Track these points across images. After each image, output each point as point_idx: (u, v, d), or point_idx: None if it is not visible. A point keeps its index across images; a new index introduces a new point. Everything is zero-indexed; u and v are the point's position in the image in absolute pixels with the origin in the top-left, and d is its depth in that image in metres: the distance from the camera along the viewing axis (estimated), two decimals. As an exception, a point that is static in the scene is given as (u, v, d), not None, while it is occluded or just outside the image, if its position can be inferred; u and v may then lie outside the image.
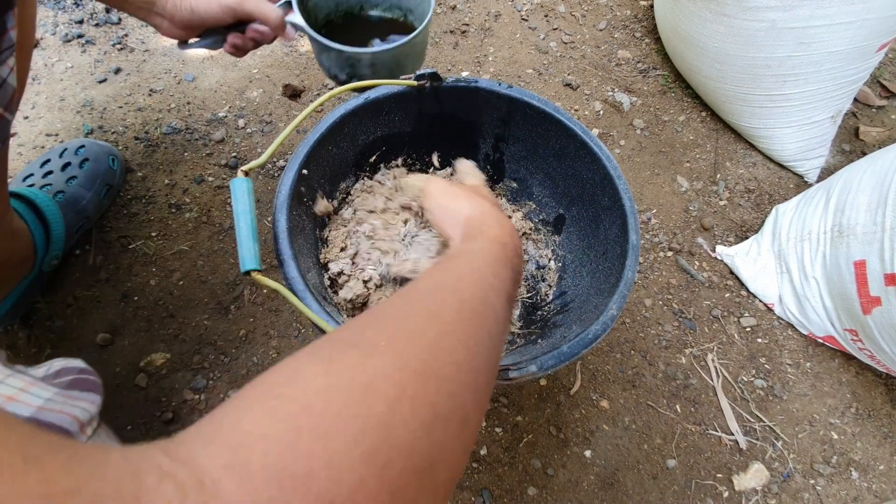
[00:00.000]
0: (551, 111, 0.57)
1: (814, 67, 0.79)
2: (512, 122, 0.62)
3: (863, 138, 0.97)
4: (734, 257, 0.81)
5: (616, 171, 0.54)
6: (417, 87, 0.56)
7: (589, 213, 0.61)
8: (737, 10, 0.78)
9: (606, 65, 1.00)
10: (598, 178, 0.56)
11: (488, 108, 0.61)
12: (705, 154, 0.93)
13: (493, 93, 0.58)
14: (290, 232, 0.46)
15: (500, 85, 0.58)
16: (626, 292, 0.47)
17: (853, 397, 0.74)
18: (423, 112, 0.61)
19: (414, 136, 0.65)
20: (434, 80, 0.56)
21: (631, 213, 0.52)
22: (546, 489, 0.64)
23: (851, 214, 0.67)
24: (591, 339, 0.44)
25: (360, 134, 0.60)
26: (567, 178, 0.62)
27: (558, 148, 0.60)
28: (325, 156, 0.55)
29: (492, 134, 0.65)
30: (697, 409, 0.71)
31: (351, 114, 0.54)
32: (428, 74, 0.56)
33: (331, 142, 0.54)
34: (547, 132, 0.60)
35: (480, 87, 0.58)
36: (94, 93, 0.84)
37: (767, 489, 0.67)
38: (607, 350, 0.74)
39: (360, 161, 0.64)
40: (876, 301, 0.63)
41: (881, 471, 0.69)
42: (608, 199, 0.55)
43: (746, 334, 0.77)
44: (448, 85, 0.57)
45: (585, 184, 0.59)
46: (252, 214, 0.43)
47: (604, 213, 0.57)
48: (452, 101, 0.60)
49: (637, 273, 0.80)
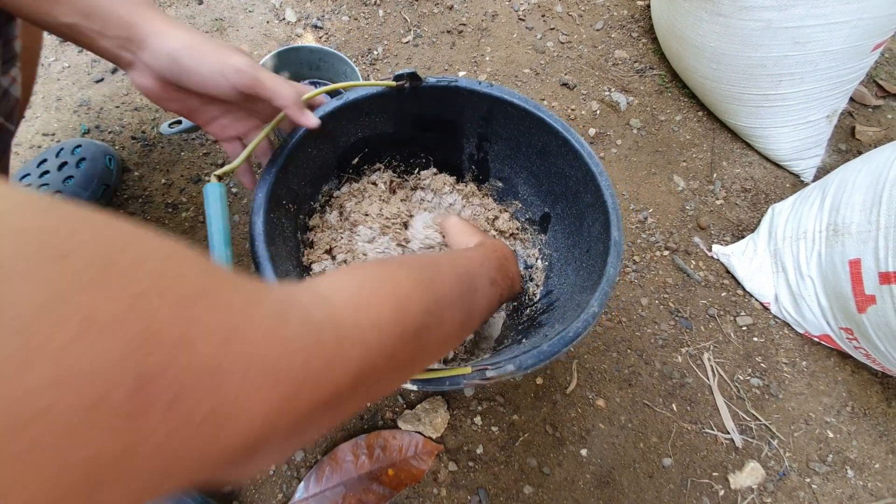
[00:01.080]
0: (531, 108, 0.57)
1: (809, 67, 0.79)
2: (494, 121, 0.61)
3: (859, 138, 0.97)
4: (730, 256, 0.81)
5: (598, 167, 0.54)
6: (396, 87, 0.56)
7: (573, 211, 0.60)
8: (732, 10, 0.78)
9: (603, 64, 1.00)
10: (581, 175, 0.56)
11: (469, 107, 0.60)
12: (702, 153, 0.93)
13: (474, 91, 0.57)
14: (268, 234, 0.46)
15: (479, 84, 0.57)
16: (609, 289, 0.47)
17: (849, 396, 0.74)
18: (405, 112, 0.61)
19: (396, 137, 0.64)
20: (413, 79, 0.56)
21: (613, 209, 0.51)
22: (542, 488, 0.64)
23: (846, 213, 0.68)
24: (571, 338, 0.43)
25: (340, 136, 0.59)
26: (551, 175, 0.62)
27: (541, 146, 0.60)
28: (304, 158, 0.55)
29: (475, 133, 0.65)
30: (693, 407, 0.71)
31: (330, 115, 0.53)
32: (407, 74, 0.55)
33: (310, 144, 0.53)
34: (529, 130, 0.60)
35: (460, 87, 0.57)
36: (90, 92, 0.85)
37: (763, 487, 0.67)
38: (603, 349, 0.74)
39: (342, 163, 0.63)
40: (871, 300, 0.63)
41: (876, 469, 0.70)
42: (591, 195, 0.55)
43: (742, 333, 0.77)
44: (427, 85, 0.57)
45: (569, 181, 0.59)
46: (225, 219, 0.42)
47: (587, 209, 0.57)
48: (433, 101, 0.60)
49: (634, 272, 0.80)
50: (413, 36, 0.99)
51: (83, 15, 0.39)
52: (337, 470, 0.61)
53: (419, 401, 0.67)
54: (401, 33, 0.99)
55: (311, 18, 0.98)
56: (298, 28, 0.96)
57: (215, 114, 0.48)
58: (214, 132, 0.49)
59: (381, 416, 0.66)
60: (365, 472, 0.61)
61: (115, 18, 0.39)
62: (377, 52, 0.96)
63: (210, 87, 0.42)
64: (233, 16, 0.97)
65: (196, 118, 0.47)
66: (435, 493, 0.62)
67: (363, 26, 0.99)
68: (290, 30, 0.96)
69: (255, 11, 0.98)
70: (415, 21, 1.01)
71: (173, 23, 0.41)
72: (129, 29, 0.40)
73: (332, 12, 1.00)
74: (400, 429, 0.65)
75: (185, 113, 0.47)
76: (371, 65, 0.94)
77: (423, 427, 0.65)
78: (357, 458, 0.62)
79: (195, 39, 0.41)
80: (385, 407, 0.67)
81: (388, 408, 0.67)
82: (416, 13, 1.02)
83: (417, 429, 0.65)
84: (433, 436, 0.65)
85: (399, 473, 0.62)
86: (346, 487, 0.60)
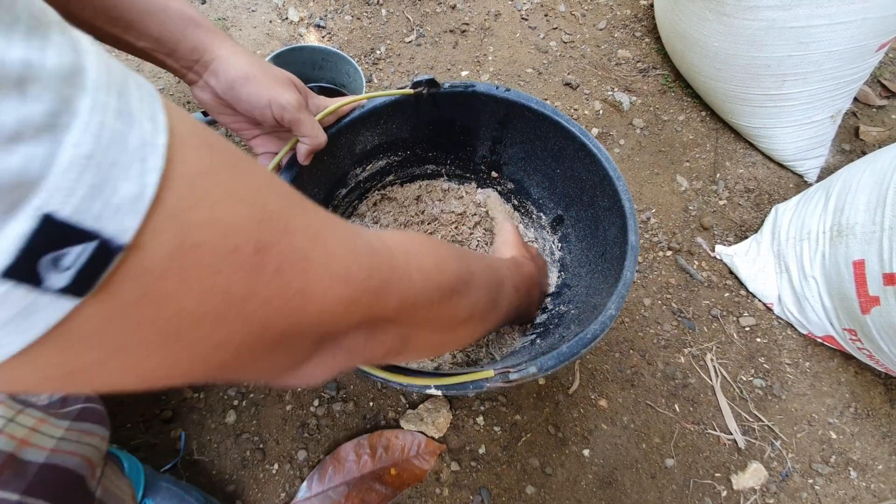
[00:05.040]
0: (550, 113, 0.57)
1: (813, 67, 0.79)
2: (510, 125, 0.62)
3: (863, 138, 0.96)
4: (733, 257, 0.81)
5: (615, 172, 0.54)
6: (414, 94, 0.56)
7: (588, 214, 0.60)
8: (736, 10, 0.78)
9: (606, 64, 1.00)
10: (598, 180, 0.56)
11: (486, 112, 0.61)
12: (705, 153, 0.93)
13: (491, 96, 0.58)
14: None
15: (497, 88, 0.57)
16: (625, 292, 0.47)
17: (852, 397, 0.74)
18: (420, 118, 0.61)
19: (411, 142, 0.65)
20: (431, 86, 0.56)
21: (630, 214, 0.52)
22: (544, 488, 0.64)
23: (850, 214, 0.67)
24: (589, 339, 0.44)
25: (357, 144, 0.60)
26: (566, 179, 0.62)
27: (557, 150, 0.60)
28: (319, 166, 0.55)
29: (489, 137, 0.65)
30: (696, 408, 0.71)
31: (348, 125, 0.54)
32: (425, 81, 0.55)
33: (325, 152, 0.54)
34: (545, 134, 0.60)
35: (478, 92, 0.57)
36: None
37: (766, 489, 0.67)
38: (606, 349, 0.74)
39: (357, 170, 0.64)
40: (875, 301, 0.63)
41: (879, 470, 0.69)
42: (607, 200, 0.55)
43: (745, 334, 0.77)
44: (445, 90, 0.57)
45: (584, 185, 0.59)
46: None
47: (603, 214, 0.57)
48: (450, 106, 0.60)
49: (636, 272, 0.80)
50: (416, 35, 0.99)
51: (156, 40, 0.43)
52: (339, 469, 0.61)
53: (422, 400, 0.67)
54: (404, 33, 0.99)
55: (313, 18, 0.98)
56: (301, 28, 0.96)
57: (258, 132, 0.53)
58: (254, 145, 0.53)
59: (383, 415, 0.66)
60: (367, 471, 0.61)
61: (186, 43, 0.43)
62: (380, 51, 0.96)
63: (257, 115, 0.47)
64: (236, 15, 0.97)
65: (242, 133, 0.52)
66: (437, 493, 0.63)
67: (366, 26, 0.99)
68: (293, 29, 0.96)
69: (258, 11, 0.98)
70: (417, 20, 1.01)
71: (238, 49, 0.46)
72: (196, 53, 0.44)
73: (335, 12, 1.00)
74: (402, 428, 0.65)
75: (234, 127, 0.51)
76: (374, 64, 0.94)
77: (426, 427, 0.65)
78: (360, 457, 0.62)
79: (253, 70, 0.45)
80: (387, 406, 0.67)
81: (390, 407, 0.67)
82: (419, 13, 1.02)
83: (420, 428, 0.65)
84: (436, 435, 0.65)
85: (401, 473, 0.62)
86: (349, 487, 0.60)
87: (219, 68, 0.45)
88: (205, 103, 0.48)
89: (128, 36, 0.41)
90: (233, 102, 0.46)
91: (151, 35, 0.42)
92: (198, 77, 0.46)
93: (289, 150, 0.50)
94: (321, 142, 0.49)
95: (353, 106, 0.55)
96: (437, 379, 0.41)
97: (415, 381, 0.41)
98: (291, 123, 0.47)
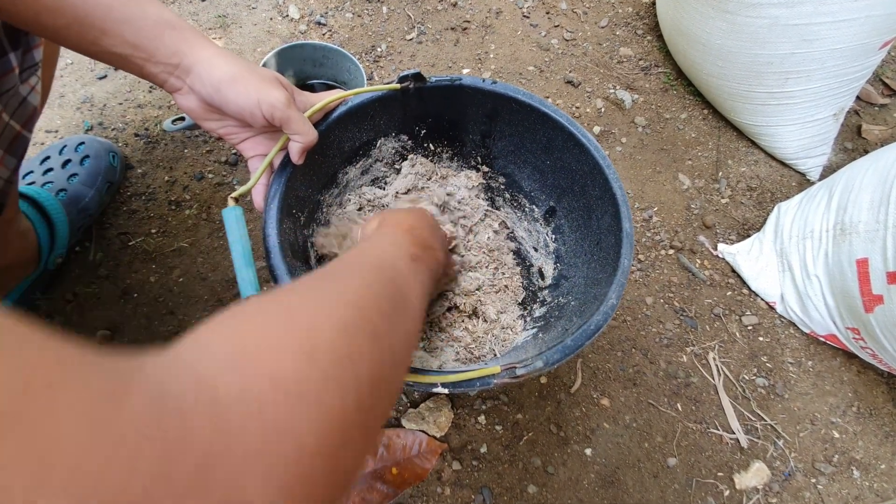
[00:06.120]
0: (537, 104, 0.57)
1: (816, 65, 0.78)
2: (498, 118, 0.61)
3: (865, 136, 0.96)
4: (736, 255, 0.81)
5: (605, 160, 0.54)
6: (401, 89, 0.56)
7: (580, 204, 0.60)
8: (739, 7, 0.78)
9: (608, 62, 1.00)
10: (588, 169, 0.56)
11: (473, 105, 0.60)
12: (707, 152, 0.92)
13: (478, 89, 0.57)
14: (282, 246, 0.46)
15: (483, 81, 0.57)
16: (624, 280, 0.47)
17: (855, 396, 0.74)
18: (408, 113, 0.61)
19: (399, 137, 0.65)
20: (417, 80, 0.56)
21: (622, 201, 0.52)
22: (546, 487, 0.64)
23: (854, 212, 0.67)
24: (593, 330, 0.44)
25: (346, 141, 0.59)
26: (556, 170, 0.62)
27: (546, 141, 0.60)
28: (310, 165, 0.55)
29: (478, 131, 0.65)
30: (698, 407, 0.71)
31: (336, 122, 0.54)
32: (411, 75, 0.55)
33: (316, 151, 0.54)
34: (534, 126, 0.60)
35: (464, 85, 0.57)
36: (93, 89, 0.84)
37: (769, 488, 0.67)
38: (608, 348, 0.73)
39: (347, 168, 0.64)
40: (878, 299, 0.62)
41: (882, 470, 0.69)
42: (598, 188, 0.55)
43: (748, 333, 0.77)
44: (431, 84, 0.56)
45: (575, 175, 0.59)
46: (246, 241, 0.43)
47: (595, 203, 0.57)
48: (437, 101, 0.60)
49: (638, 271, 0.80)
50: (417, 33, 0.98)
51: (132, 45, 0.41)
52: (341, 468, 0.61)
53: (423, 399, 0.67)
54: (404, 30, 0.99)
55: (314, 15, 0.97)
56: (302, 25, 0.96)
57: (248, 135, 0.51)
58: (243, 149, 0.52)
59: (384, 414, 0.66)
60: (369, 470, 0.61)
61: (164, 48, 0.42)
62: (381, 49, 0.95)
63: (246, 117, 0.45)
64: (236, 12, 0.96)
65: (230, 138, 0.51)
66: (439, 492, 0.62)
67: (367, 23, 0.98)
68: (294, 26, 0.96)
69: (259, 8, 0.97)
70: (418, 18, 1.00)
71: (219, 51, 0.44)
72: (176, 57, 0.43)
73: (336, 9, 0.99)
74: (404, 427, 0.65)
75: (222, 132, 0.50)
76: (375, 62, 0.94)
77: (427, 426, 0.64)
78: (361, 456, 0.62)
79: (238, 70, 0.43)
80: (389, 405, 0.67)
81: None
82: (420, 10, 1.01)
83: (421, 427, 0.64)
84: (437, 434, 0.65)
85: (403, 472, 0.62)
86: (350, 486, 0.60)
87: (202, 71, 0.43)
88: (190, 110, 0.47)
89: (103, 43, 0.40)
90: (220, 105, 0.45)
91: (128, 41, 0.41)
92: (180, 82, 0.45)
93: (279, 149, 0.49)
94: (313, 139, 0.48)
95: (339, 102, 0.54)
96: (442, 377, 0.41)
97: (420, 380, 0.41)
98: (282, 121, 0.46)
